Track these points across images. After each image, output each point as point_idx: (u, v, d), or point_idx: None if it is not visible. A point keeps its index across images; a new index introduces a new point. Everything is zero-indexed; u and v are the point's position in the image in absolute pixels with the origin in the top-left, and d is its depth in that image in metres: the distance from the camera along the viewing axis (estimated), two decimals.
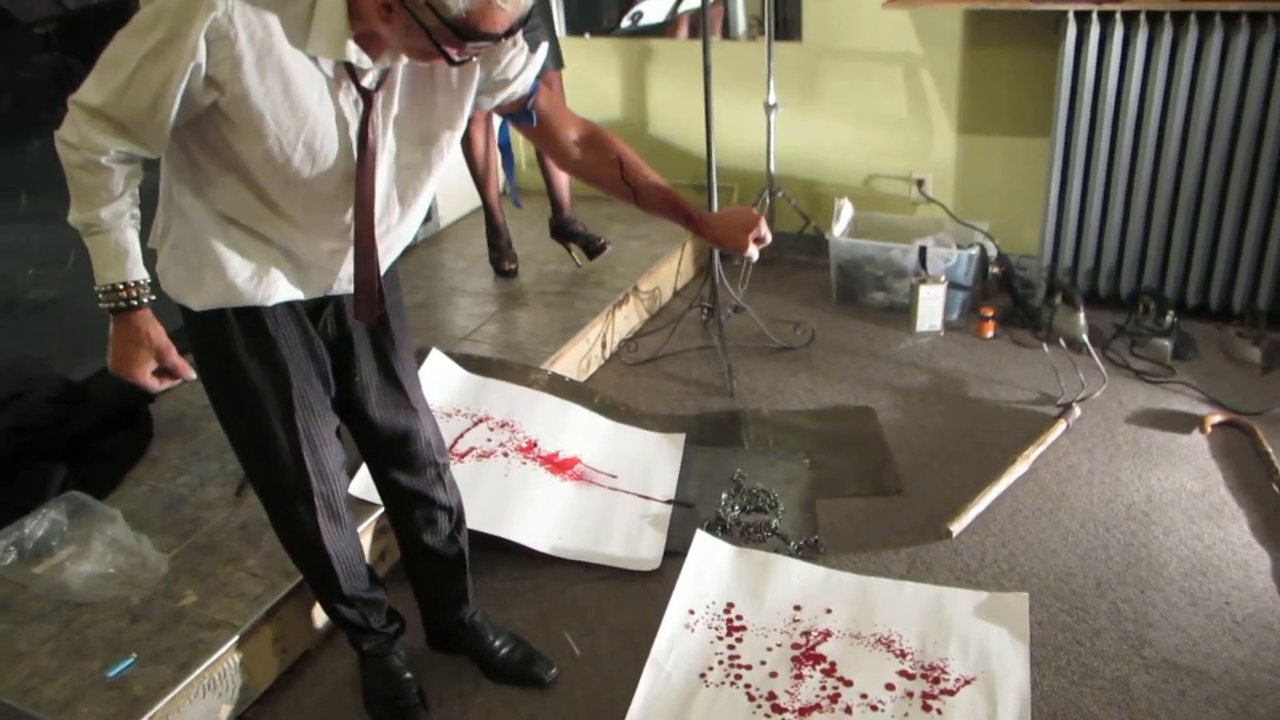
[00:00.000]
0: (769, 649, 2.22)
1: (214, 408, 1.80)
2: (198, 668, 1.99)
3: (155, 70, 1.38)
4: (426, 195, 1.72)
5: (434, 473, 2.03)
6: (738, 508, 2.67)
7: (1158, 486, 2.68)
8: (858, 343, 3.50)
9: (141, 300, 1.55)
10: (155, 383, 1.61)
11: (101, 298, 1.53)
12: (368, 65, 1.48)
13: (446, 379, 2.96)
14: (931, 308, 3.50)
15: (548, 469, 2.73)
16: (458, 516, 2.11)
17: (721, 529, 2.60)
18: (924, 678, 2.12)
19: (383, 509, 2.30)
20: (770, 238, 1.79)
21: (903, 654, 2.19)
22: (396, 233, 1.73)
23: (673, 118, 4.17)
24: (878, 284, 3.68)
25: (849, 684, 2.12)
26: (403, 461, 1.99)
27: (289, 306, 1.70)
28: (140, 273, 1.54)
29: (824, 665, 2.17)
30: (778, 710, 2.06)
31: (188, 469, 2.61)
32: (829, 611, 2.31)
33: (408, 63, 1.53)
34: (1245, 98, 3.09)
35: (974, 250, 3.57)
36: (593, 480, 2.76)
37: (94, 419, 2.62)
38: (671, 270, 3.88)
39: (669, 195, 1.79)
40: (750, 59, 3.82)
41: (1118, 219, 3.41)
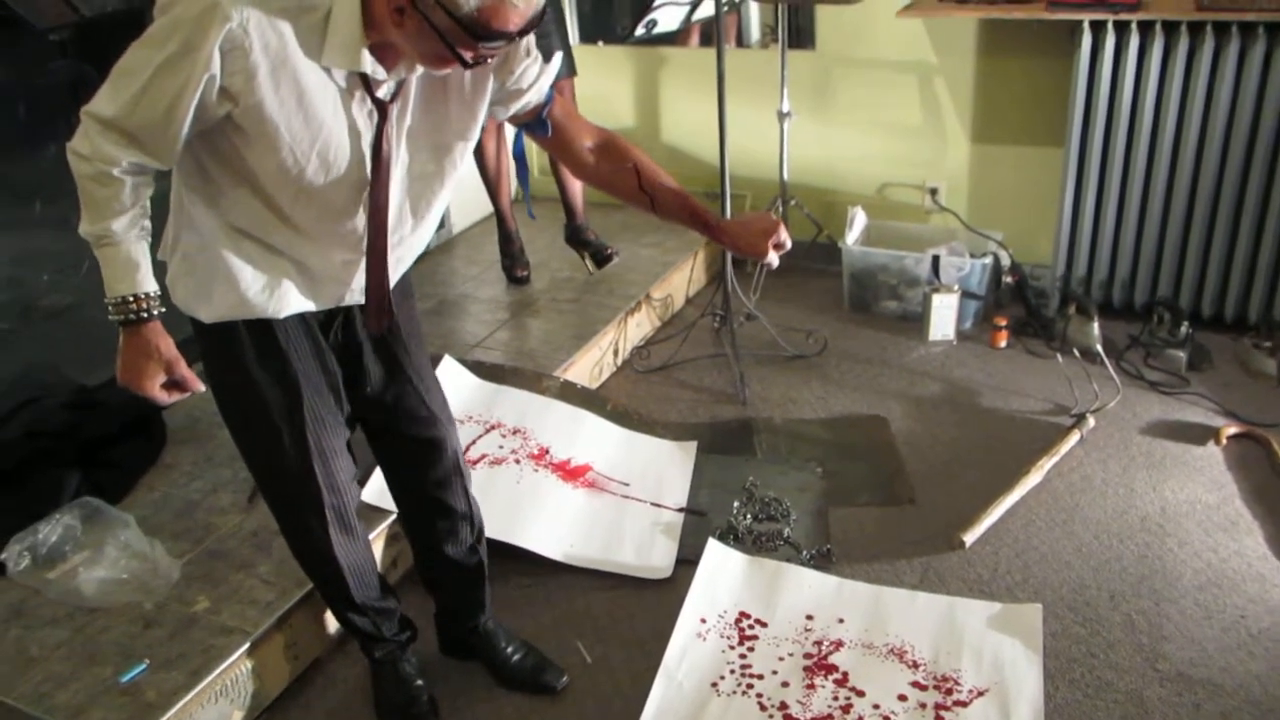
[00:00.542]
0: (781, 658, 2.22)
1: (224, 419, 1.79)
2: (210, 674, 1.99)
3: (169, 82, 1.38)
4: (439, 206, 1.72)
5: (459, 484, 2.01)
6: (750, 516, 2.67)
7: (1172, 498, 2.66)
8: (870, 352, 3.49)
9: (151, 312, 1.54)
10: (164, 395, 1.60)
11: (111, 310, 1.53)
12: (382, 76, 1.48)
13: (459, 386, 2.96)
14: (945, 317, 3.49)
15: (560, 476, 2.73)
16: (479, 527, 2.11)
17: (733, 537, 2.59)
18: (937, 689, 2.11)
19: (394, 515, 2.30)
20: (790, 244, 1.78)
21: (915, 665, 2.18)
22: (409, 243, 1.73)
23: (686, 125, 4.18)
24: (891, 293, 3.67)
25: (861, 694, 2.11)
26: (426, 472, 1.97)
27: (300, 318, 1.70)
28: (150, 285, 1.53)
29: (836, 675, 2.16)
30: None
31: (200, 475, 2.62)
32: (841, 621, 2.31)
33: (422, 73, 1.53)
34: (1262, 108, 3.08)
35: (987, 259, 3.56)
36: (604, 488, 2.75)
37: (108, 425, 2.63)
38: (684, 278, 3.87)
39: (686, 202, 1.78)
40: (764, 67, 3.82)
41: (1132, 228, 3.39)
